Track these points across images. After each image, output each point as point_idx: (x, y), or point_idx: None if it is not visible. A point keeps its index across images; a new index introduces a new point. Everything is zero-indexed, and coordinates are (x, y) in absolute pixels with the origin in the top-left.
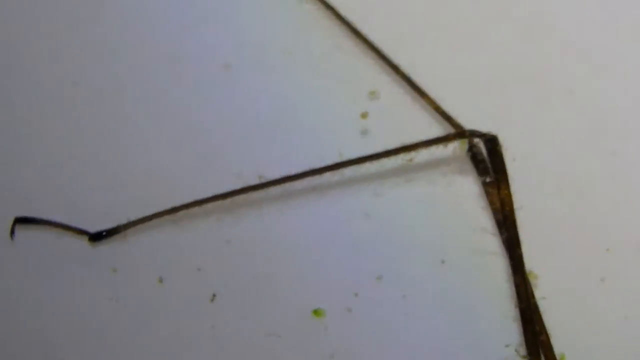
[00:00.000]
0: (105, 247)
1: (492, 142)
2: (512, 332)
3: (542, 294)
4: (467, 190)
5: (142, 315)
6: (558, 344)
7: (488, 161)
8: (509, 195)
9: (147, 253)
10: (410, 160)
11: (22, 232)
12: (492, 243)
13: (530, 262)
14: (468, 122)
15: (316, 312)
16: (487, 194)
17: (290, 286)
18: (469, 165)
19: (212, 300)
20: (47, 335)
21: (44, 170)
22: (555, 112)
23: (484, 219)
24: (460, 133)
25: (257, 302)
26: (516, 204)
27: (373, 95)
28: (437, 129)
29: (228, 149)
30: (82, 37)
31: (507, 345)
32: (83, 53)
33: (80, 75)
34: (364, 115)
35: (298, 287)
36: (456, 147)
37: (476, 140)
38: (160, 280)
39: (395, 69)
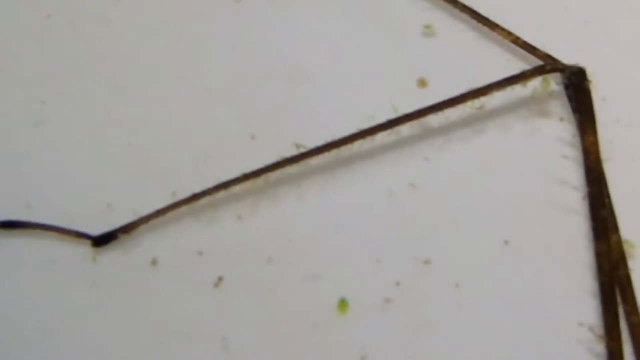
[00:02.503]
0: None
1: (577, 76)
2: (588, 309)
3: (638, 266)
4: (549, 139)
5: (133, 303)
6: None
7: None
8: (595, 142)
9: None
10: (481, 107)
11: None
12: (575, 201)
13: (628, 228)
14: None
15: (342, 303)
16: None
17: (312, 273)
18: (554, 107)
19: (216, 285)
20: (28, 327)
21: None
22: None
23: (567, 173)
24: (539, 68)
25: (271, 291)
26: (604, 154)
27: (429, 30)
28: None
29: (241, 106)
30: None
31: (580, 324)
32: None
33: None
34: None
35: (321, 273)
36: (536, 88)
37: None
38: (154, 262)
39: (452, 1)
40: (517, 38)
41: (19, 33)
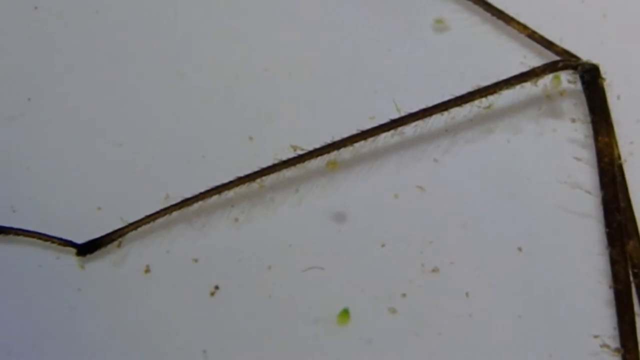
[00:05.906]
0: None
1: (591, 73)
2: (603, 319)
3: None
4: (561, 141)
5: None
6: None
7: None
8: (610, 143)
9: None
10: (489, 107)
11: None
12: (590, 206)
13: None
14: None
15: (344, 314)
16: None
17: (312, 280)
18: (567, 106)
19: (212, 294)
20: (11, 335)
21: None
22: None
23: (581, 176)
24: (550, 65)
25: (270, 299)
26: (624, 156)
27: (440, 24)
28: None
29: (238, 106)
30: None
31: (595, 336)
32: None
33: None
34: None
35: (322, 282)
36: (547, 86)
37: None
38: (147, 270)
39: None
40: (534, 32)
41: (4, 25)
